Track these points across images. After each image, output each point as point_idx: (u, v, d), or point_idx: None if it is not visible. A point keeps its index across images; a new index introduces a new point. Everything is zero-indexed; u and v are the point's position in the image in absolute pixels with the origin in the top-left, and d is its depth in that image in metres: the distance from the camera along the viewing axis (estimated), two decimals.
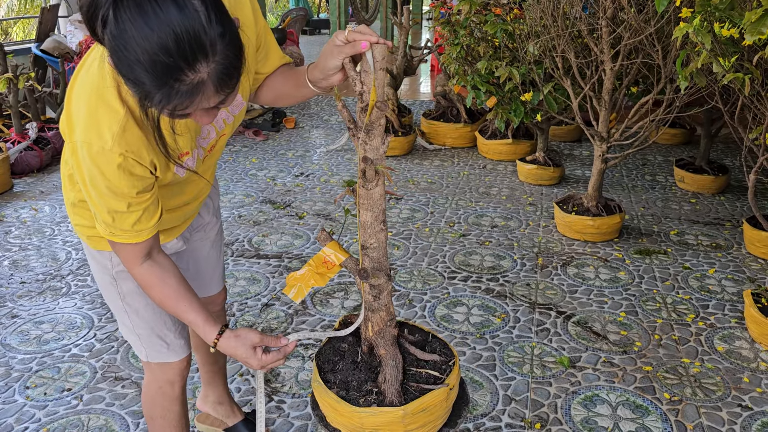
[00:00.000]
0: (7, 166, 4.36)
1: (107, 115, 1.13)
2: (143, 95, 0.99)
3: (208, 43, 0.96)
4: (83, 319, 2.75)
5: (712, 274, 3.15)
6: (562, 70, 3.44)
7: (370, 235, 1.45)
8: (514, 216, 3.92)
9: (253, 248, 3.44)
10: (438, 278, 3.11)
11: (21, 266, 3.25)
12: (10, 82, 4.76)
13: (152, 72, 0.95)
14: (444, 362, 1.66)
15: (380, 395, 1.49)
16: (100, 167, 1.14)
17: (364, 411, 1.44)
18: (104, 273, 1.49)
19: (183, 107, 1.01)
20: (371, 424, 1.46)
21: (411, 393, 1.54)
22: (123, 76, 0.99)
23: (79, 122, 1.14)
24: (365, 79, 1.24)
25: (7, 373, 2.38)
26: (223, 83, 1.01)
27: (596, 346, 2.55)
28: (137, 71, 0.96)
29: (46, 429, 2.09)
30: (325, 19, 15.34)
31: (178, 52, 0.94)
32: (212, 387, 2.01)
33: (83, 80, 1.17)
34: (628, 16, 3.02)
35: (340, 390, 1.49)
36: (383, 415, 1.45)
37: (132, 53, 0.94)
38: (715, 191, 4.30)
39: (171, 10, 0.92)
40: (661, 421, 2.12)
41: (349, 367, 1.56)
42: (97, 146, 1.13)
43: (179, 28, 0.93)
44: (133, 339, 1.57)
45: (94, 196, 1.20)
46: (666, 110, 3.24)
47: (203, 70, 0.97)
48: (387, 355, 1.55)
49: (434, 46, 5.76)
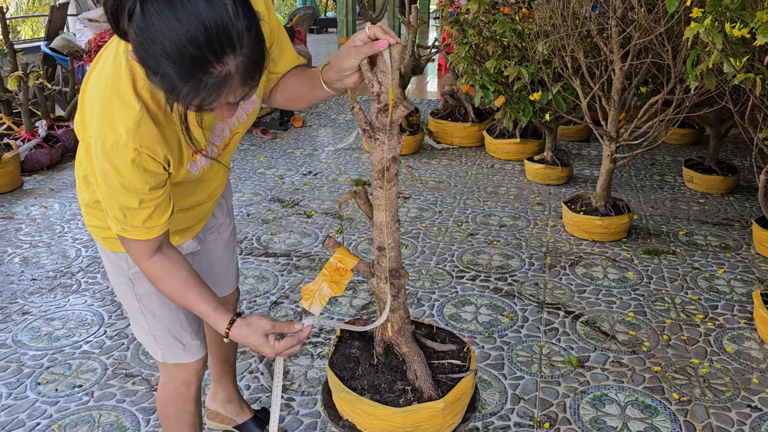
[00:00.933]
0: (17, 164, 4.39)
1: (122, 109, 1.12)
2: (170, 89, 0.99)
3: (236, 35, 0.96)
4: (93, 316, 2.77)
5: (721, 275, 3.14)
6: (572, 70, 3.43)
7: (388, 235, 1.45)
8: (522, 215, 3.92)
9: (262, 246, 3.45)
10: (446, 277, 3.11)
11: (32, 263, 3.27)
12: (21, 80, 4.78)
13: (180, 65, 0.95)
14: (460, 350, 1.67)
15: (416, 392, 1.49)
16: (113, 163, 1.14)
17: (405, 410, 1.44)
18: (120, 274, 1.49)
19: (210, 101, 1.01)
20: (412, 422, 1.46)
21: (442, 384, 1.54)
22: (149, 69, 0.98)
23: (93, 119, 1.14)
24: (383, 79, 1.24)
25: (18, 369, 2.40)
26: (249, 77, 1.01)
27: (605, 345, 2.55)
28: (164, 64, 0.95)
29: (58, 425, 2.11)
30: (333, 17, 15.36)
31: (206, 44, 0.94)
32: (222, 385, 2.01)
33: (96, 79, 1.17)
34: (638, 16, 3.02)
35: (373, 395, 1.48)
36: (424, 410, 1.45)
37: (159, 46, 0.94)
38: (724, 191, 4.28)
39: (199, 3, 0.92)
40: (670, 421, 2.12)
41: (370, 371, 1.55)
42: (111, 141, 1.12)
43: (208, 21, 0.92)
44: (148, 340, 1.56)
45: (106, 192, 1.20)
46: (675, 110, 3.23)
47: (231, 63, 0.97)
48: (411, 352, 1.55)
49: (442, 45, 5.76)
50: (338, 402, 1.52)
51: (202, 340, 1.60)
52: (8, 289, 3.00)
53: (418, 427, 1.47)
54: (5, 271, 3.19)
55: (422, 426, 1.48)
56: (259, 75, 1.04)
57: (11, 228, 3.72)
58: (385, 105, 1.28)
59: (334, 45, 11.04)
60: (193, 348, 1.57)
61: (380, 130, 1.32)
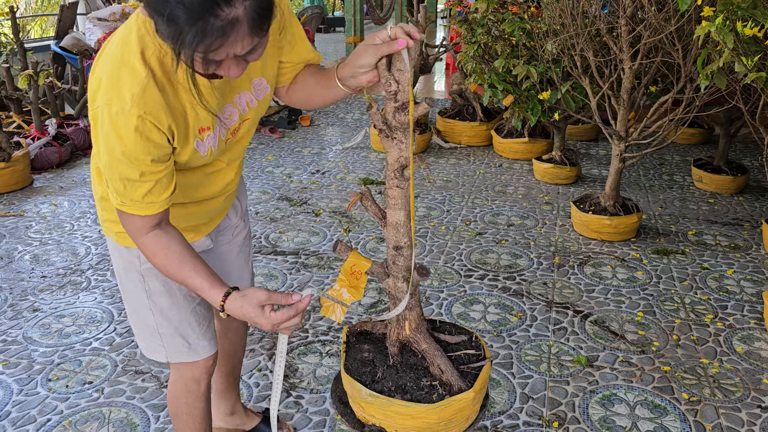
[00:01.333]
0: (27, 162, 4.41)
1: (128, 75, 1.12)
2: (176, 34, 0.99)
3: None
4: (103, 313, 2.78)
5: (731, 275, 3.12)
6: (581, 69, 3.43)
7: (404, 234, 1.45)
8: (531, 215, 3.92)
9: (270, 245, 3.46)
10: (455, 276, 3.11)
11: (42, 260, 3.29)
12: (31, 78, 4.81)
13: (188, 4, 0.96)
14: (470, 340, 1.67)
15: (444, 386, 1.50)
16: (117, 130, 1.14)
17: (439, 406, 1.45)
18: (131, 270, 1.49)
19: (216, 46, 1.01)
20: (447, 416, 1.47)
21: (466, 375, 1.55)
22: (158, 14, 0.99)
23: (101, 87, 1.14)
24: (400, 78, 1.24)
25: (29, 366, 2.41)
26: (257, 24, 1.02)
27: (614, 345, 2.54)
28: (172, 4, 0.96)
29: (69, 421, 2.12)
30: (341, 17, 15.36)
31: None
32: (224, 398, 1.98)
33: (106, 55, 1.18)
34: (648, 15, 3.00)
35: (403, 395, 1.48)
36: (457, 402, 1.46)
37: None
38: (733, 191, 4.26)
39: None
40: (680, 421, 2.12)
41: (390, 373, 1.54)
42: (117, 107, 1.12)
43: None
44: (151, 341, 1.55)
45: (108, 161, 1.18)
46: (685, 110, 3.22)
47: (239, 5, 0.98)
48: (431, 348, 1.55)
49: (450, 44, 5.75)
50: (365, 407, 1.50)
51: (210, 340, 1.59)
52: (19, 286, 3.02)
53: (451, 419, 1.49)
54: (16, 268, 3.21)
55: (455, 418, 1.49)
56: (267, 26, 1.04)
57: (21, 225, 3.75)
58: (402, 103, 1.28)
59: (342, 44, 11.04)
60: (199, 348, 1.56)
61: (397, 128, 1.32)
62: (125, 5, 6.20)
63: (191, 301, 1.53)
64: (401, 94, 1.27)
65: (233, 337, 1.89)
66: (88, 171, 4.77)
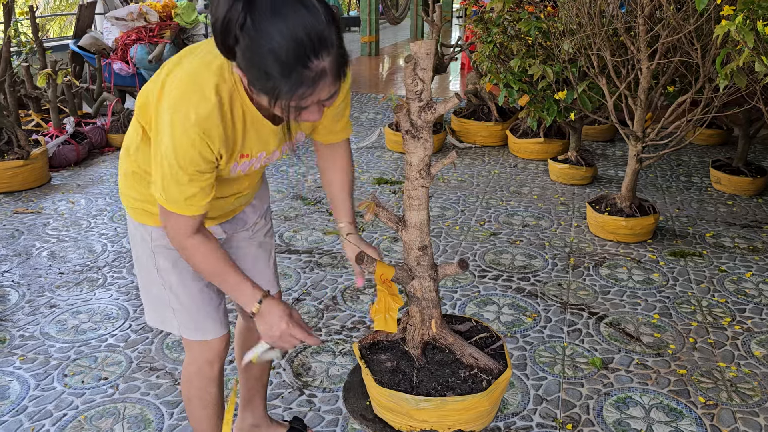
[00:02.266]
0: (45, 160, 4.46)
1: (199, 99, 1.26)
2: (272, 88, 1.15)
3: (329, 38, 1.14)
4: (119, 310, 2.80)
5: (749, 278, 3.08)
6: (598, 69, 3.40)
7: (427, 233, 1.46)
8: (546, 215, 3.89)
9: (285, 243, 3.47)
10: (468, 277, 3.10)
11: (59, 257, 3.33)
12: (49, 77, 4.87)
13: (285, 60, 1.12)
14: (476, 326, 1.69)
15: (485, 371, 1.52)
16: (175, 138, 1.26)
17: (489, 391, 1.51)
18: (144, 245, 1.57)
19: (308, 95, 1.17)
20: (495, 399, 1.55)
21: (492, 356, 1.57)
22: (255, 70, 1.15)
23: (171, 94, 1.27)
24: (425, 77, 1.25)
25: (46, 361, 2.44)
26: (338, 74, 1.19)
27: (629, 347, 2.52)
28: (270, 61, 1.12)
29: (84, 416, 2.14)
30: (356, 16, 15.38)
31: (308, 43, 1.12)
32: (251, 409, 1.96)
33: (186, 66, 1.30)
34: (667, 14, 2.97)
35: (455, 392, 1.49)
36: (502, 383, 1.54)
37: (266, 45, 1.11)
38: (752, 193, 4.21)
39: (301, 10, 1.11)
40: (696, 425, 2.09)
41: (425, 374, 1.56)
42: (181, 120, 1.25)
43: (309, 25, 1.11)
44: (164, 312, 1.60)
45: (161, 162, 1.30)
46: (704, 110, 3.18)
47: (325, 58, 1.15)
48: (457, 340, 1.57)
49: (465, 44, 5.74)
50: (415, 414, 1.50)
51: (217, 322, 1.62)
52: (36, 283, 3.05)
53: (497, 401, 1.53)
54: (33, 264, 3.25)
55: (499, 398, 1.54)
56: (344, 76, 1.21)
57: (39, 222, 3.79)
58: (427, 102, 1.28)
59: (357, 44, 11.05)
60: (205, 327, 1.60)
61: (422, 128, 1.32)
62: (142, 5, 6.25)
63: (199, 281, 1.57)
64: (425, 93, 1.27)
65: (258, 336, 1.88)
66: (105, 169, 4.81)
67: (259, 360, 1.49)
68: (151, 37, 6.00)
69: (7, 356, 2.47)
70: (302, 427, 2.04)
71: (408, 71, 1.25)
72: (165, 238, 1.49)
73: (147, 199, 1.50)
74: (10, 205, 4.05)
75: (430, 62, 1.24)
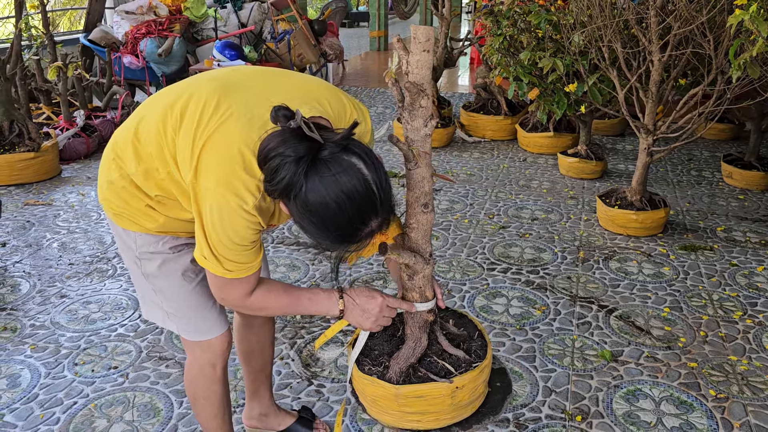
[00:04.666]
0: (56, 152, 4.49)
1: (250, 181, 1.27)
2: (320, 244, 1.27)
3: (378, 204, 1.23)
4: (128, 300, 2.82)
5: (761, 272, 3.06)
6: (608, 61, 3.37)
7: (430, 188, 1.53)
8: (555, 209, 3.88)
9: (293, 236, 3.47)
10: (477, 269, 3.09)
11: (69, 248, 3.34)
12: (60, 71, 4.89)
13: (335, 233, 1.22)
14: (468, 362, 1.70)
15: (386, 369, 1.58)
16: (231, 218, 1.28)
17: (365, 378, 1.65)
18: (129, 253, 1.53)
19: (353, 250, 1.30)
20: (371, 393, 1.65)
21: (415, 377, 1.62)
22: (307, 223, 1.23)
23: (210, 171, 1.27)
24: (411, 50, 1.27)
25: (56, 350, 2.45)
26: (383, 228, 1.28)
27: (639, 340, 2.50)
28: (319, 233, 1.22)
29: (94, 404, 2.15)
30: (365, 12, 15.35)
31: (357, 217, 1.21)
32: (257, 399, 1.96)
33: (225, 137, 1.29)
34: (679, 5, 2.95)
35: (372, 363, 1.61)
36: (378, 387, 1.56)
37: (317, 218, 1.20)
38: (764, 188, 4.17)
39: (355, 183, 1.19)
40: (707, 417, 2.08)
41: (383, 339, 1.71)
42: (235, 203, 1.27)
43: (357, 198, 1.19)
44: (159, 314, 1.59)
45: (212, 240, 1.32)
46: (716, 103, 3.16)
47: (374, 224, 1.25)
48: (411, 336, 1.60)
49: (475, 37, 5.71)
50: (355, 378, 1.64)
51: (214, 321, 1.58)
52: (47, 273, 3.07)
53: (376, 401, 1.70)
54: (44, 255, 3.27)
55: (379, 402, 1.69)
56: (389, 223, 1.30)
57: (50, 214, 3.81)
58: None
59: (366, 39, 11.04)
60: (200, 328, 1.57)
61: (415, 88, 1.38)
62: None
63: (189, 283, 1.53)
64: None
65: (259, 332, 1.85)
66: None
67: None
68: (160, 31, 6.01)
69: (18, 345, 2.48)
70: (311, 416, 2.04)
71: (397, 44, 1.28)
72: (149, 245, 1.48)
73: (134, 213, 1.46)
74: (21, 197, 4.08)
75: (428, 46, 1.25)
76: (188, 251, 1.52)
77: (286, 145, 1.18)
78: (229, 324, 1.65)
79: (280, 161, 1.17)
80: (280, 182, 1.18)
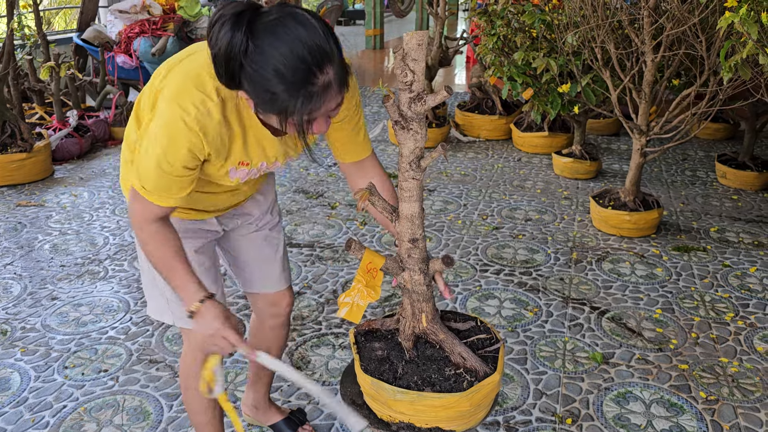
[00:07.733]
0: (48, 153, 4.47)
1: (201, 95, 1.26)
2: (282, 108, 1.17)
3: (329, 50, 1.16)
4: (120, 302, 2.81)
5: (753, 273, 3.06)
6: (602, 62, 3.37)
7: (419, 226, 1.43)
8: (549, 210, 3.87)
9: (286, 237, 3.46)
10: (470, 271, 3.09)
11: (61, 250, 3.33)
12: (53, 70, 4.87)
13: (291, 80, 1.14)
14: (478, 326, 1.66)
15: (470, 372, 1.48)
16: (170, 128, 1.26)
17: (470, 392, 1.46)
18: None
19: (317, 107, 1.19)
20: (477, 401, 1.48)
21: (484, 358, 1.54)
22: (263, 93, 1.16)
23: (173, 85, 1.28)
24: (416, 68, 1.24)
25: (47, 353, 2.44)
26: (342, 83, 1.20)
27: (630, 342, 2.50)
28: (276, 83, 1.14)
29: (84, 408, 2.14)
30: (361, 9, 15.32)
31: (311, 59, 1.14)
32: (254, 390, 1.98)
33: (191, 62, 1.31)
34: (671, 6, 2.94)
35: (433, 387, 1.47)
36: (486, 386, 1.48)
37: (271, 67, 1.13)
38: (758, 188, 4.17)
39: (299, 29, 1.14)
40: (697, 420, 2.08)
41: (411, 368, 1.52)
42: (181, 111, 1.25)
43: (308, 42, 1.14)
44: (160, 300, 1.59)
45: (146, 146, 1.29)
46: (709, 103, 3.15)
47: (329, 71, 1.17)
48: (448, 337, 1.54)
49: (470, 36, 5.70)
50: (393, 405, 1.48)
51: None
52: (38, 275, 3.06)
53: (480, 404, 1.48)
54: (35, 257, 3.25)
55: (483, 401, 1.50)
56: (347, 84, 1.22)
57: (42, 215, 3.79)
58: (417, 94, 1.27)
59: (362, 37, 11.02)
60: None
61: (413, 119, 1.31)
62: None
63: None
64: (416, 84, 1.26)
65: (270, 335, 1.87)
66: (108, 162, 4.81)
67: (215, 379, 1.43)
68: (154, 30, 5.99)
69: (8, 348, 2.47)
70: (301, 419, 2.04)
71: (398, 62, 1.24)
72: None
73: None
74: (13, 198, 4.06)
75: (421, 53, 1.22)
76: (192, 237, 1.57)
77: (226, 8, 1.16)
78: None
79: (223, 21, 1.14)
80: (224, 51, 1.14)
